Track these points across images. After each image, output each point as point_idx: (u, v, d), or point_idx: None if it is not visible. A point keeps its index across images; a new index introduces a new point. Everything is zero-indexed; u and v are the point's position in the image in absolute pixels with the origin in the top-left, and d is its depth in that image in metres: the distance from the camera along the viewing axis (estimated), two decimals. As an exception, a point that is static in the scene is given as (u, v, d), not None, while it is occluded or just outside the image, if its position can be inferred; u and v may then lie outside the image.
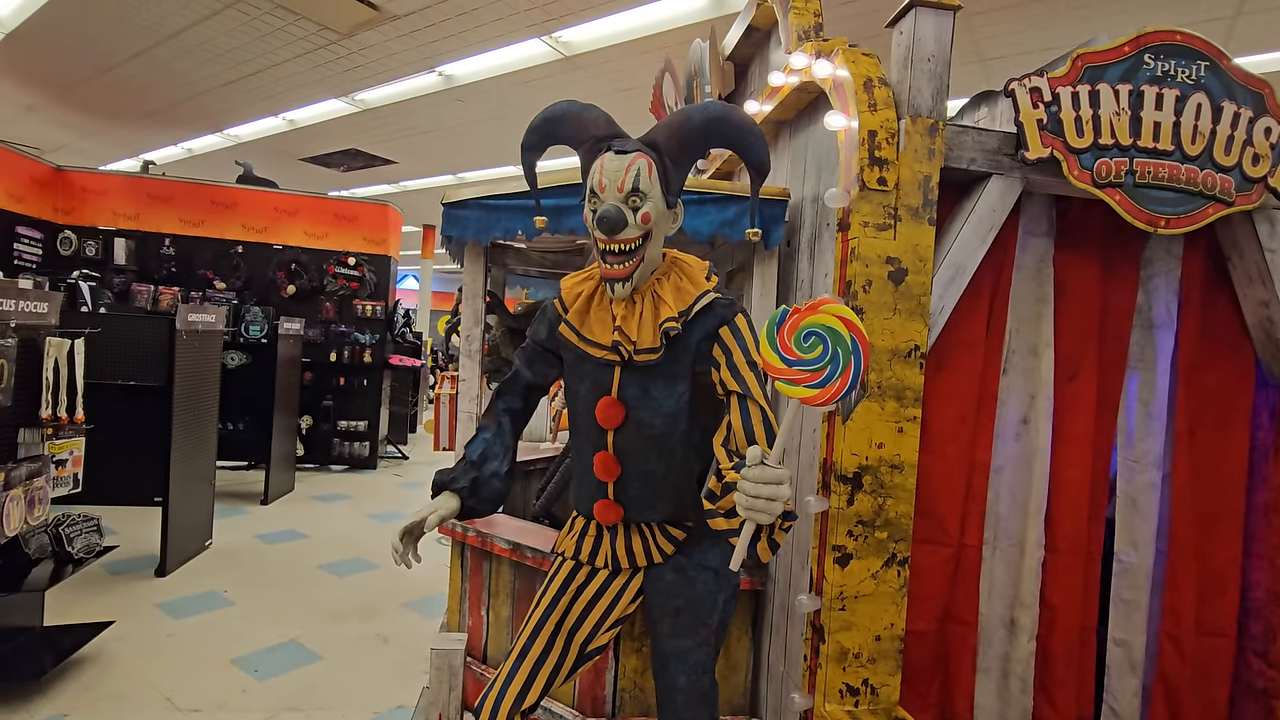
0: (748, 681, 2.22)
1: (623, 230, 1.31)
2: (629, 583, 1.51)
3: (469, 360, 2.65)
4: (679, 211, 1.45)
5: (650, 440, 1.40)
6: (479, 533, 2.49)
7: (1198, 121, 1.66)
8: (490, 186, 2.38)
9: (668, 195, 1.37)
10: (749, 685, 2.22)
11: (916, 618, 1.71)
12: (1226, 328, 1.88)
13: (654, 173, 1.34)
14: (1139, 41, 1.64)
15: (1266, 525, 1.86)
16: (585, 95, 5.40)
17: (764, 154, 1.37)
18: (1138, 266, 1.84)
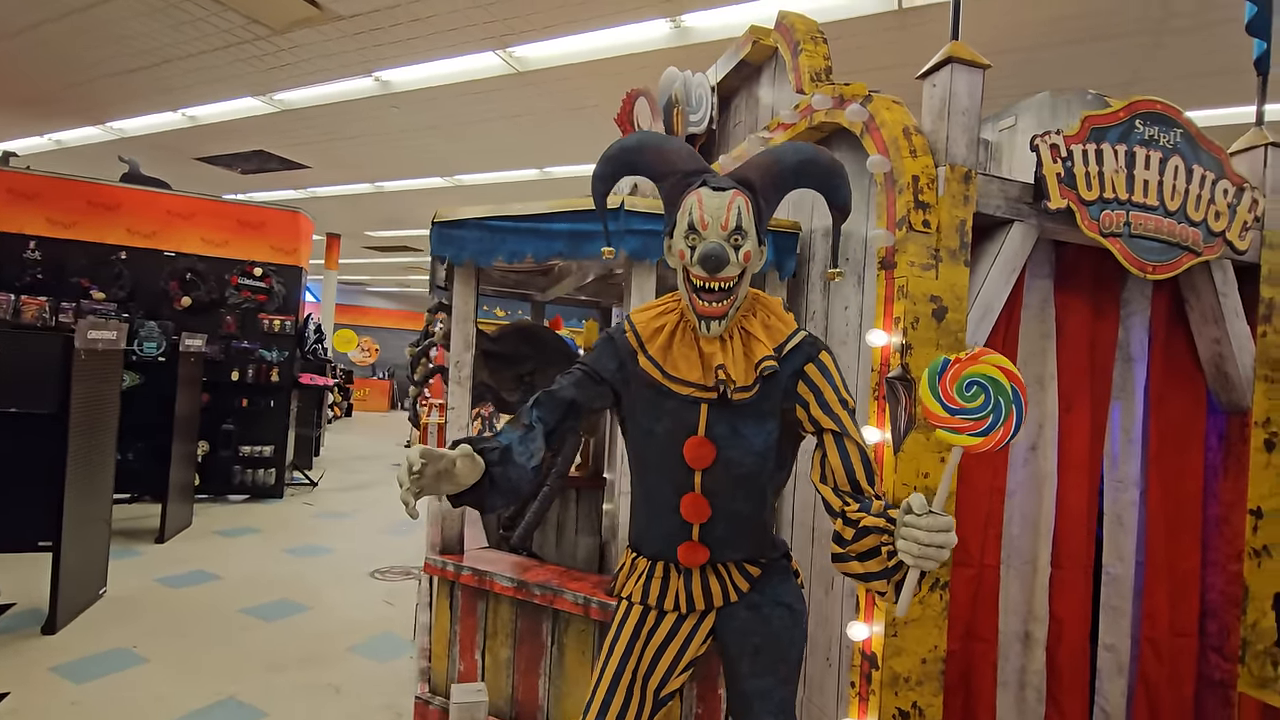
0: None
1: (725, 269, 1.30)
2: (700, 624, 1.48)
3: (458, 387, 2.51)
4: (764, 250, 1.44)
5: (739, 479, 1.39)
6: (475, 570, 2.35)
7: (1175, 181, 1.88)
8: (425, 198, 2.28)
9: (761, 234, 1.37)
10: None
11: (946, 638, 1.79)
12: (1184, 361, 2.13)
13: (750, 211, 1.34)
14: (1131, 108, 1.84)
15: (1219, 535, 2.12)
16: (533, 111, 5.32)
17: (849, 195, 1.41)
18: (1119, 306, 2.05)
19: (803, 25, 2.32)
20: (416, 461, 1.10)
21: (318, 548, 5.42)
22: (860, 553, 1.16)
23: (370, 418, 16.65)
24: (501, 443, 1.30)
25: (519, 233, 2.23)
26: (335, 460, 9.58)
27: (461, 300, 2.53)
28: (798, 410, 1.38)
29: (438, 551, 2.50)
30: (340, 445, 11.10)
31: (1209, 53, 3.49)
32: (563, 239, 2.16)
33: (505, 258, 2.26)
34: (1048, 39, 3.37)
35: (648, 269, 2.19)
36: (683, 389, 1.39)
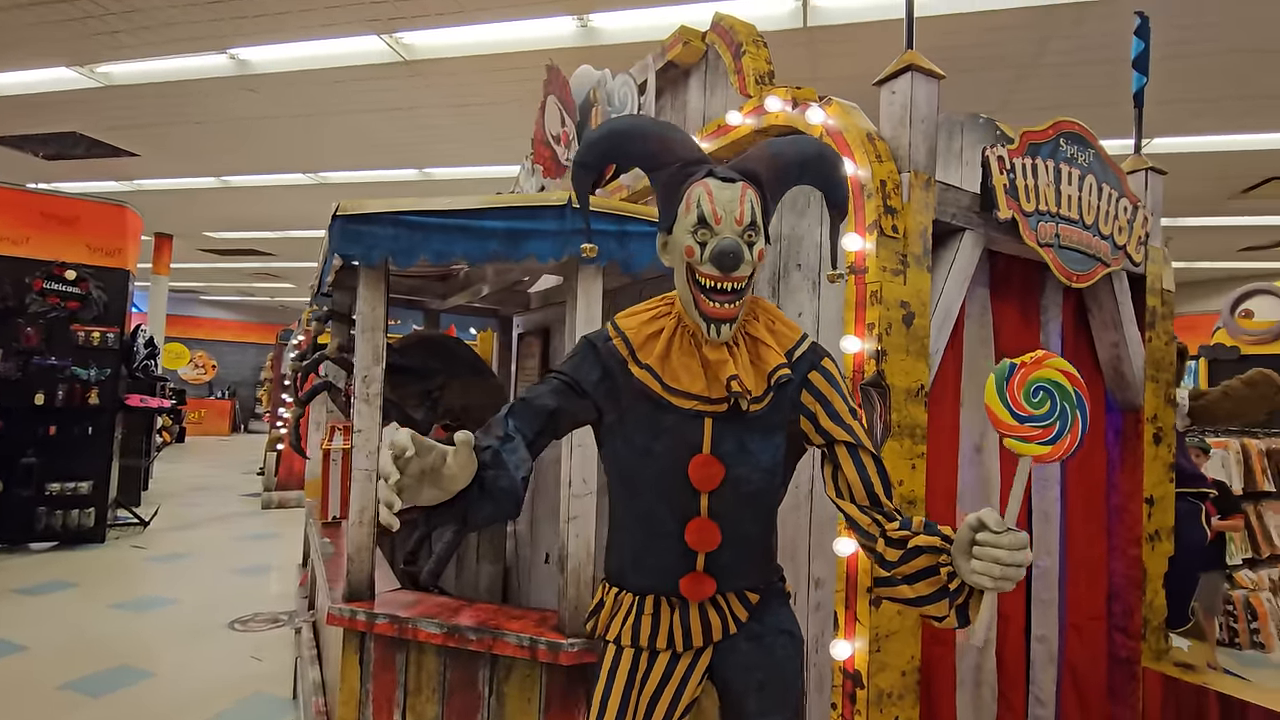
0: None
1: (740, 267, 1.18)
2: (696, 661, 1.33)
3: (367, 406, 2.18)
4: (766, 249, 1.34)
5: (747, 499, 1.26)
6: (393, 618, 2.03)
7: (1090, 197, 2.03)
8: (282, 196, 1.99)
9: (767, 232, 1.26)
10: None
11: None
12: (1087, 364, 2.31)
13: (759, 206, 1.23)
14: (1057, 127, 1.96)
15: (1119, 523, 2.31)
16: (417, 104, 4.92)
17: (848, 194, 1.34)
18: (1039, 313, 2.18)
19: (743, 28, 2.28)
20: (407, 446, 0.87)
21: (156, 599, 4.62)
22: (909, 575, 1.08)
23: (207, 443, 14.77)
24: (488, 443, 1.08)
25: (446, 230, 1.97)
26: (168, 494, 8.34)
27: (369, 307, 2.21)
28: (803, 422, 1.28)
29: (342, 598, 2.15)
30: (173, 476, 9.70)
31: (1071, 89, 3.94)
32: (498, 238, 1.93)
33: (430, 258, 1.99)
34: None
35: (595, 273, 2.03)
36: (684, 402, 1.24)
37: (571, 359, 1.32)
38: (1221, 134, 4.61)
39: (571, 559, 1.97)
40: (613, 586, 1.38)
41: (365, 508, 2.17)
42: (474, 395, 2.93)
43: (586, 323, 2.01)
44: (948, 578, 1.03)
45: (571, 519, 1.97)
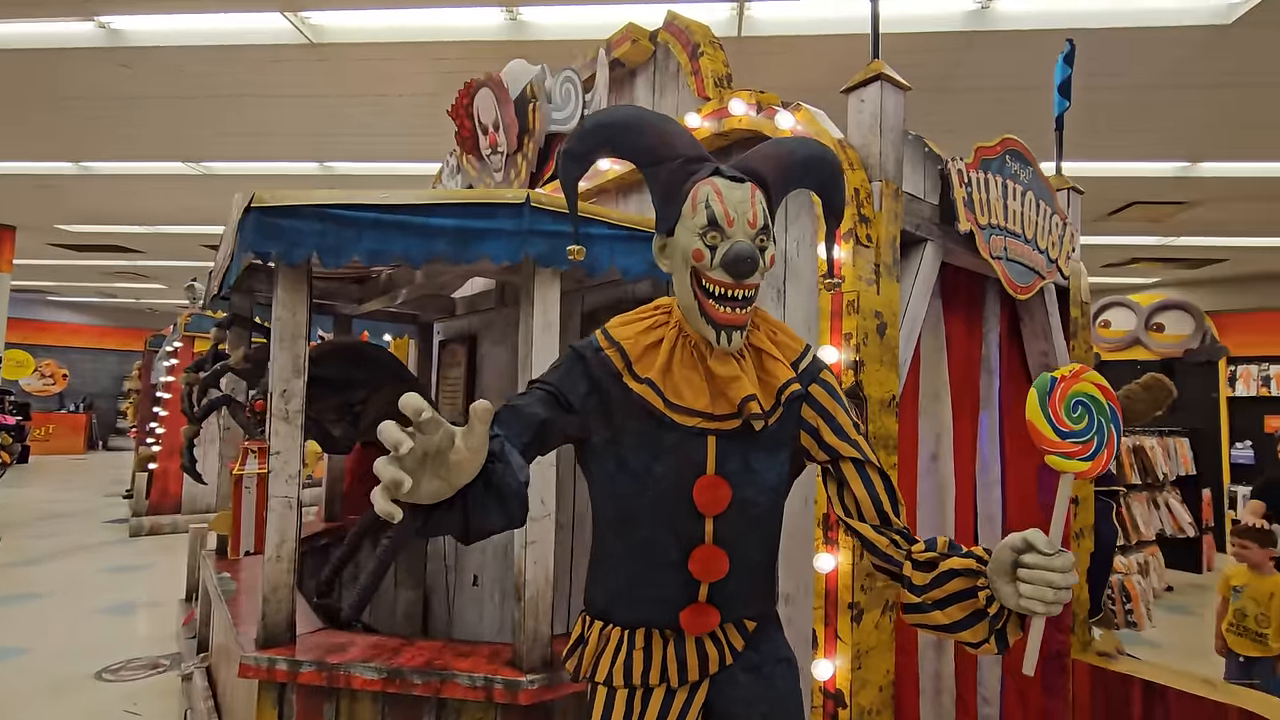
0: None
1: (755, 273, 1.09)
2: (693, 696, 1.23)
3: (285, 424, 1.92)
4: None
5: (753, 523, 1.18)
6: (321, 665, 1.79)
7: (1030, 212, 2.11)
8: (155, 186, 1.77)
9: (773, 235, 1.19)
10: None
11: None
12: (1019, 371, 2.42)
13: (767, 207, 1.15)
14: (1004, 144, 2.04)
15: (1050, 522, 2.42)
16: (322, 92, 4.53)
17: (844, 195, 1.29)
18: (981, 323, 2.26)
19: (699, 29, 2.22)
20: (424, 406, 0.71)
21: (3, 650, 3.96)
22: (940, 600, 1.03)
23: (57, 463, 13.06)
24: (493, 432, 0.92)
25: (383, 227, 1.77)
26: (11, 523, 7.27)
27: (289, 312, 1.96)
28: (803, 438, 1.21)
29: (257, 645, 1.87)
30: (17, 503, 8.48)
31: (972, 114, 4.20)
32: (446, 237, 1.75)
33: (363, 258, 1.78)
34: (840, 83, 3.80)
35: (552, 277, 1.89)
36: (687, 419, 1.14)
37: (556, 370, 1.19)
38: (1093, 161, 5.09)
39: (530, 586, 1.81)
40: (596, 620, 1.25)
41: (284, 541, 1.91)
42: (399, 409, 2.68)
43: (544, 329, 1.87)
44: (985, 602, 0.99)
45: (529, 544, 1.82)
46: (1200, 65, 3.66)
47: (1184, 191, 5.59)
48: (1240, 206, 5.87)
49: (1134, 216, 6.35)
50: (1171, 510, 6.28)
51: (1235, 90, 3.92)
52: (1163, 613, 5.53)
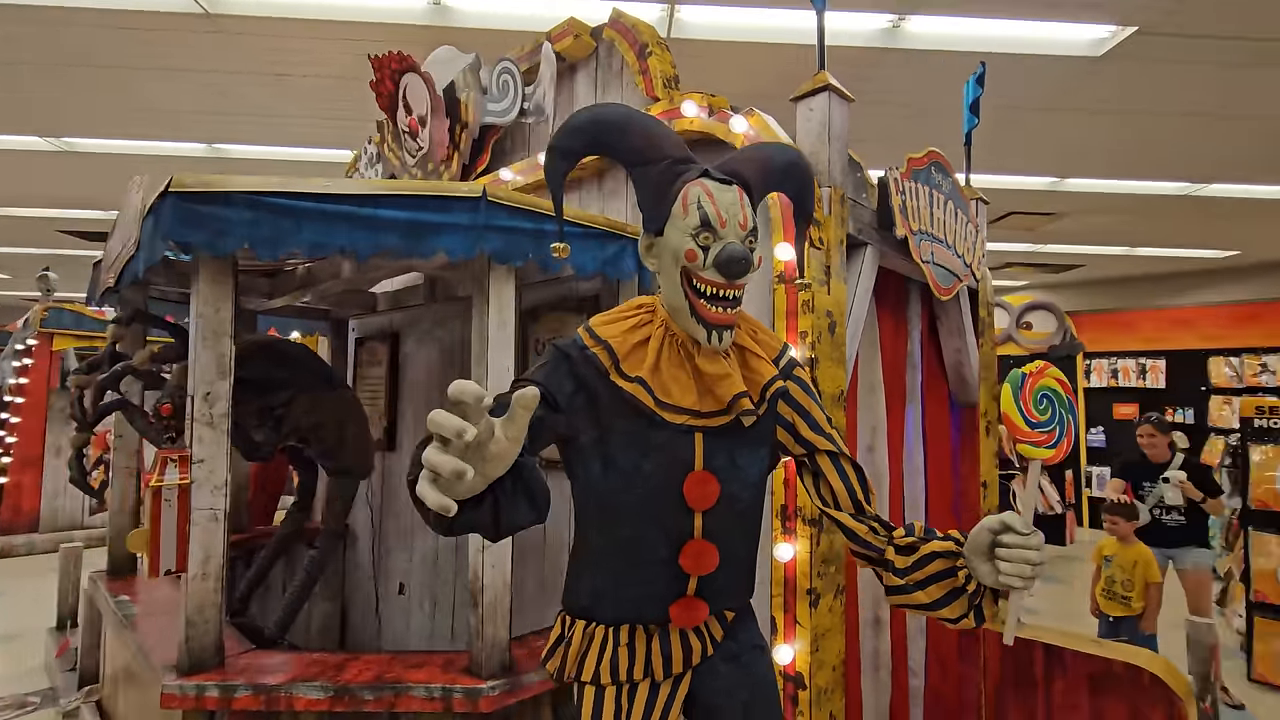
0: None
1: (746, 274, 1.12)
2: (677, 688, 1.25)
3: (210, 430, 1.77)
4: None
5: (739, 517, 1.21)
6: (259, 688, 1.67)
7: (950, 219, 2.29)
8: (7, 163, 1.64)
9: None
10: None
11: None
12: (936, 368, 2.61)
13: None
14: (930, 156, 2.19)
15: (963, 505, 2.65)
16: (216, 67, 4.17)
17: (814, 204, 1.35)
18: (906, 322, 2.42)
19: (646, 28, 2.24)
20: (483, 392, 0.68)
21: None
22: (921, 580, 1.10)
23: None
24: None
25: (328, 218, 1.66)
26: None
27: (212, 308, 1.80)
28: (780, 433, 1.26)
29: (180, 671, 1.71)
30: None
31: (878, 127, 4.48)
32: (398, 231, 1.67)
33: (303, 250, 1.67)
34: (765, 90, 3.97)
35: (507, 274, 1.84)
36: (676, 416, 1.15)
37: (542, 368, 1.17)
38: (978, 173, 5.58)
39: (488, 591, 1.77)
40: (578, 619, 1.25)
41: (210, 556, 1.76)
42: (326, 412, 2.52)
43: (499, 326, 1.82)
44: (964, 580, 1.07)
45: (486, 547, 1.77)
46: (1073, 92, 4.08)
47: (1053, 204, 6.22)
48: (1098, 219, 6.61)
49: (1012, 225, 6.99)
50: (1043, 490, 6.98)
51: (1102, 116, 4.40)
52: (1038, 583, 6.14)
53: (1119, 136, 4.72)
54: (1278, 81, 3.89)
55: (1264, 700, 3.66)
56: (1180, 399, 8.52)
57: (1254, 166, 5.24)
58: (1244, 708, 3.57)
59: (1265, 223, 6.58)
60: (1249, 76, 3.85)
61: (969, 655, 2.55)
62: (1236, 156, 5.04)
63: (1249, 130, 4.56)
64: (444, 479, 0.68)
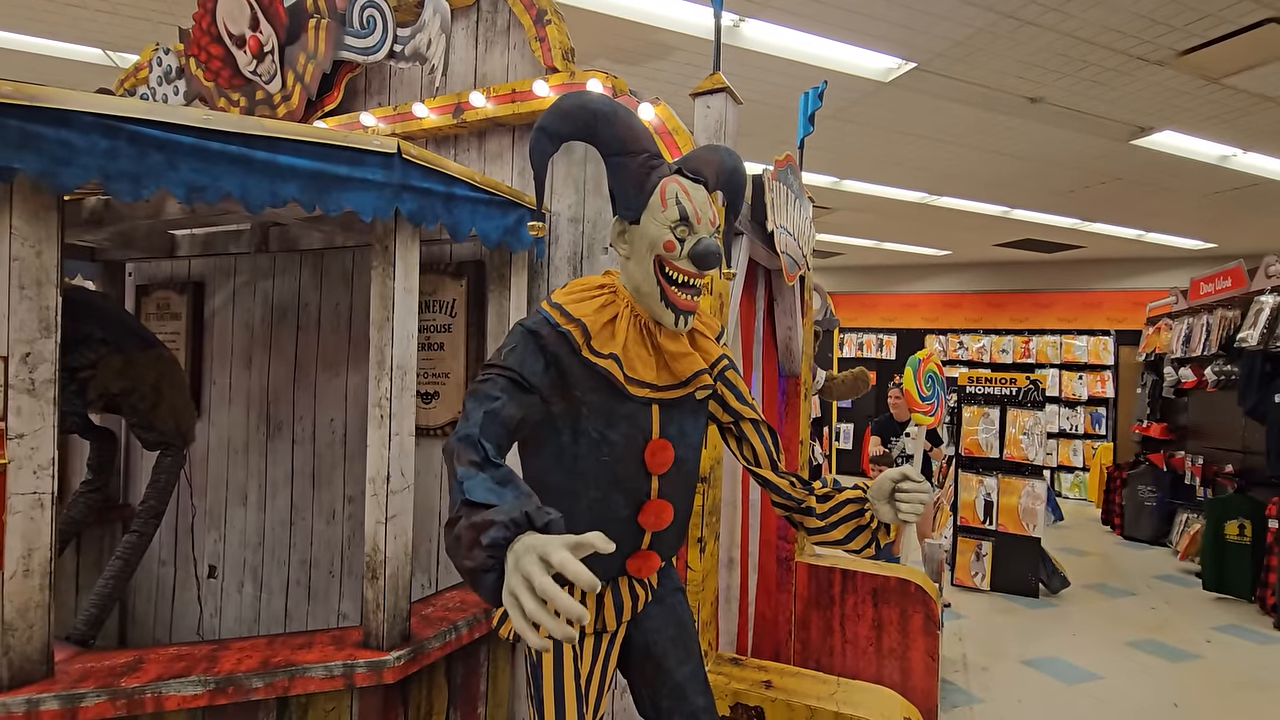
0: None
1: (716, 266, 1.26)
2: (616, 636, 1.40)
3: (31, 399, 1.47)
4: None
5: (686, 477, 1.37)
6: (115, 691, 1.47)
7: (797, 215, 2.65)
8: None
9: None
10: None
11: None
12: (770, 342, 3.01)
13: None
14: (788, 159, 2.50)
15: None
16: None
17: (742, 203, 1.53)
18: (754, 302, 2.76)
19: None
20: (581, 573, 0.78)
21: None
22: (835, 522, 1.36)
23: None
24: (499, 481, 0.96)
25: (211, 157, 1.45)
26: None
27: (33, 250, 1.48)
28: (712, 404, 1.45)
29: (1, 688, 1.43)
30: None
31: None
32: (299, 181, 1.52)
33: (179, 192, 1.44)
34: (596, 60, 4.10)
35: (414, 236, 1.76)
36: (640, 390, 1.28)
37: (512, 351, 1.21)
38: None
39: (390, 563, 1.72)
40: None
41: (35, 549, 1.47)
42: (140, 374, 2.14)
43: (405, 290, 1.74)
44: (870, 520, 1.35)
45: (391, 518, 1.72)
46: (860, 108, 4.80)
47: (831, 200, 7.23)
48: (858, 216, 7.83)
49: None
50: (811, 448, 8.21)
51: (877, 130, 5.24)
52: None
53: (887, 150, 5.66)
54: (997, 123, 4.97)
55: (961, 598, 4.85)
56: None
57: (972, 186, 6.62)
58: (950, 605, 4.69)
59: (970, 231, 8.34)
60: (980, 116, 4.87)
61: (784, 584, 3.04)
62: (960, 177, 6.32)
63: (971, 157, 5.76)
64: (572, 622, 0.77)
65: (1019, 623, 4.45)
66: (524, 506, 0.90)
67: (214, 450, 3.03)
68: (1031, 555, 4.90)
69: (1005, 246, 9.07)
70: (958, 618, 4.48)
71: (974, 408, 5.14)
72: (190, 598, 3.10)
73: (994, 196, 6.99)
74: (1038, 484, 4.88)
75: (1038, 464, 4.94)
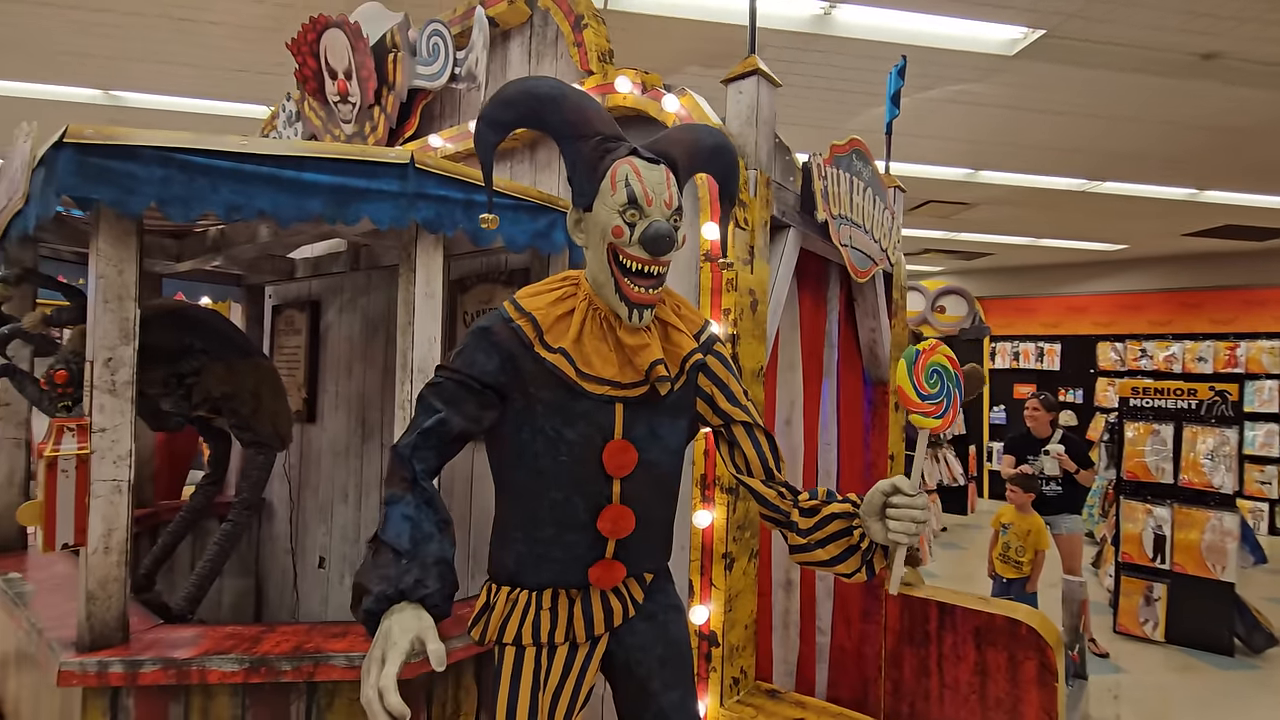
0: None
1: (670, 251, 1.16)
2: (594, 650, 1.32)
3: (112, 398, 1.68)
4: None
5: (657, 483, 1.27)
6: (169, 662, 1.63)
7: (868, 205, 2.41)
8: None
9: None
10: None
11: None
12: (851, 346, 2.76)
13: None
14: (851, 144, 2.29)
15: (872, 476, 2.82)
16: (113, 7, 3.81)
17: (739, 186, 1.40)
18: (825, 302, 2.54)
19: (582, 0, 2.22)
20: (399, 708, 0.90)
21: None
22: (821, 539, 1.19)
23: None
24: (401, 545, 1.06)
25: (246, 179, 1.59)
26: None
27: (115, 269, 1.70)
28: (699, 405, 1.33)
29: (80, 648, 1.65)
30: None
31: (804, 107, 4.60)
32: (322, 196, 1.63)
33: (219, 212, 1.60)
34: (702, 68, 4.04)
35: (435, 243, 1.82)
36: (597, 387, 1.20)
37: (460, 352, 1.20)
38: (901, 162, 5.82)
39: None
40: (503, 586, 1.28)
41: (113, 529, 1.68)
42: (240, 381, 2.42)
43: (426, 296, 1.81)
44: (859, 538, 1.17)
45: (411, 517, 1.77)
46: (983, 88, 4.31)
47: (966, 194, 6.57)
48: (1006, 210, 7.03)
49: (929, 213, 7.35)
50: (948, 464, 7.48)
51: (1011, 112, 4.67)
52: (940, 549, 6.61)
53: (1025, 133, 5.03)
54: (1166, 88, 4.23)
55: (1125, 649, 4.11)
56: (1072, 380, 9.25)
57: (1143, 167, 5.70)
58: (1108, 656, 4.00)
59: (1150, 220, 7.18)
60: (1141, 82, 4.17)
61: (872, 615, 2.75)
62: (1127, 157, 5.46)
63: (1139, 133, 4.95)
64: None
65: (1202, 685, 3.68)
66: (407, 574, 1.03)
67: (324, 452, 3.35)
68: (1222, 603, 4.04)
69: (1199, 236, 7.69)
70: (1115, 671, 3.79)
71: (1139, 424, 4.37)
72: (309, 586, 3.42)
73: (1175, 177, 5.96)
74: (1227, 517, 4.03)
75: (1226, 493, 4.08)
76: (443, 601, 1.06)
